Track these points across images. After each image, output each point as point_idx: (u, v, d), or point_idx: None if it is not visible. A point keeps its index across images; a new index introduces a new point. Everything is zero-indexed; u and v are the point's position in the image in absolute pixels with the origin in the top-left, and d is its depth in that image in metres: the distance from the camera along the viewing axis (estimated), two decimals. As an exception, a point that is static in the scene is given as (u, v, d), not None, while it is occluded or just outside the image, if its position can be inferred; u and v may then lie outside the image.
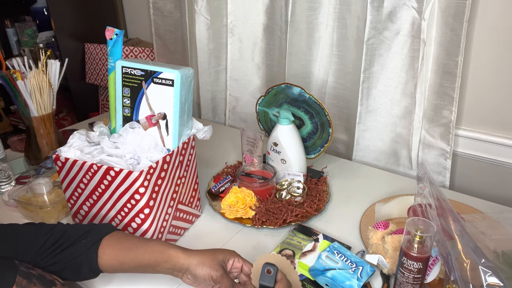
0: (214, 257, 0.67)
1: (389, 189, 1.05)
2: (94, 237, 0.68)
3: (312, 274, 0.76)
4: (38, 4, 1.95)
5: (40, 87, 1.04)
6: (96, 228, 0.71)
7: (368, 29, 1.07)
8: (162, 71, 0.79)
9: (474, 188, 1.13)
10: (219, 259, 0.67)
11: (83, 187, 0.79)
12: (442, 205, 0.72)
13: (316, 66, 1.27)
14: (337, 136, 1.32)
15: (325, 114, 0.98)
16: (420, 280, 0.66)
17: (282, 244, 0.84)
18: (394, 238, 0.75)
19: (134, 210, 0.76)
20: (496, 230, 0.73)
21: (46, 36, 1.93)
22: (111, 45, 0.82)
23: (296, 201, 0.98)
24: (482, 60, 1.02)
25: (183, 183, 0.87)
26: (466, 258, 0.62)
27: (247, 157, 1.08)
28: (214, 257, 0.67)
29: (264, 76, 1.40)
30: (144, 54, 1.71)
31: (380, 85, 1.14)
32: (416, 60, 1.05)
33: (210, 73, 1.51)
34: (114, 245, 0.68)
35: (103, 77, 1.79)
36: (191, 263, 0.65)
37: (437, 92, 1.06)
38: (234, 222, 0.94)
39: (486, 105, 1.06)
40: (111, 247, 0.68)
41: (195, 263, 0.65)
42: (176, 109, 0.80)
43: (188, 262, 0.66)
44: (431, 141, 1.12)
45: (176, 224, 0.88)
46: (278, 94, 1.04)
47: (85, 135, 0.83)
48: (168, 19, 1.57)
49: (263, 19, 1.31)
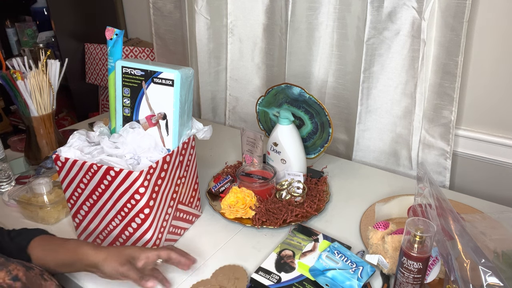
0: (120, 253, 0.70)
1: (389, 189, 1.05)
2: (23, 241, 0.73)
3: (312, 274, 0.76)
4: (38, 4, 1.95)
5: (40, 87, 1.04)
6: (25, 232, 0.75)
7: (368, 29, 1.07)
8: (162, 71, 0.79)
9: (474, 188, 1.13)
10: (126, 254, 0.70)
11: (83, 187, 0.79)
12: (442, 205, 0.72)
13: (316, 66, 1.27)
14: (337, 136, 1.32)
15: (325, 114, 0.98)
16: (420, 280, 0.66)
17: (282, 244, 0.84)
18: (394, 238, 0.75)
19: (134, 210, 0.76)
20: (496, 230, 0.73)
21: (46, 36, 1.93)
22: (111, 45, 0.82)
23: (296, 201, 0.98)
24: (482, 60, 1.02)
25: (183, 183, 0.87)
26: (466, 258, 0.62)
27: (247, 157, 1.08)
28: (120, 253, 0.70)
29: (264, 76, 1.40)
30: (144, 54, 1.71)
31: (380, 85, 1.14)
32: (416, 60, 1.05)
33: (210, 73, 1.51)
34: (40, 246, 0.72)
35: (103, 77, 1.79)
36: (98, 259, 0.69)
37: (437, 92, 1.06)
38: (234, 222, 0.94)
39: (486, 105, 1.06)
40: (37, 248, 0.72)
41: (102, 259, 0.69)
42: (176, 109, 0.80)
43: (96, 259, 0.69)
44: (431, 141, 1.12)
45: (176, 224, 0.88)
46: (278, 94, 1.04)
47: (85, 135, 0.83)
48: (168, 19, 1.57)
49: (263, 19, 1.31)
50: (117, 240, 0.83)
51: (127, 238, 0.81)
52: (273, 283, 0.75)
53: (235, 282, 0.76)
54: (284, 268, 0.78)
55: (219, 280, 0.77)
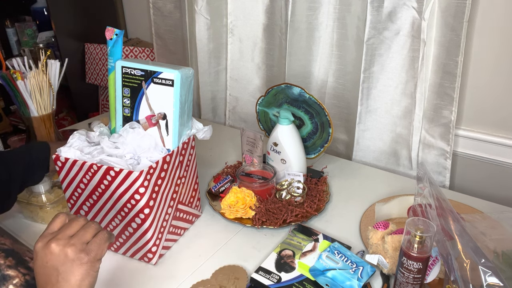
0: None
1: (389, 189, 1.05)
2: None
3: (313, 274, 0.76)
4: (38, 4, 1.95)
5: (40, 87, 1.04)
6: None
7: (368, 29, 1.07)
8: (162, 71, 0.79)
9: (474, 188, 1.13)
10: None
11: (83, 187, 0.79)
12: (442, 205, 0.72)
13: (316, 66, 1.27)
14: (337, 136, 1.32)
15: (325, 114, 0.98)
16: (420, 280, 0.66)
17: (282, 244, 0.84)
18: (394, 238, 0.75)
19: (134, 210, 0.76)
20: (496, 230, 0.73)
21: (46, 36, 1.93)
22: (111, 45, 0.82)
23: (296, 201, 0.98)
24: (482, 60, 1.02)
25: (183, 183, 0.87)
26: (466, 258, 0.62)
27: (247, 157, 1.08)
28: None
29: (264, 76, 1.40)
30: (144, 54, 1.71)
31: (380, 85, 1.14)
32: (416, 60, 1.05)
33: (210, 73, 1.51)
34: None
35: (103, 77, 1.79)
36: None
37: (437, 92, 1.06)
38: (234, 222, 0.94)
39: (486, 105, 1.06)
40: None
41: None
42: (176, 109, 0.80)
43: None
44: (431, 141, 1.12)
45: (176, 224, 0.88)
46: (278, 94, 1.04)
47: (85, 135, 0.83)
48: (168, 19, 1.57)
49: (263, 19, 1.31)
50: (117, 240, 0.83)
51: (127, 238, 0.81)
52: (273, 283, 0.75)
53: (235, 282, 0.76)
54: (284, 268, 0.78)
55: (219, 280, 0.77)
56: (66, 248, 0.54)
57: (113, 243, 0.84)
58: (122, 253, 0.85)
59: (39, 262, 0.54)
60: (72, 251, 0.54)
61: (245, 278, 0.77)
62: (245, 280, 0.77)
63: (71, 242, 0.55)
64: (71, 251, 0.54)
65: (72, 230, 0.56)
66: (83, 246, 0.55)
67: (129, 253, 0.84)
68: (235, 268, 0.80)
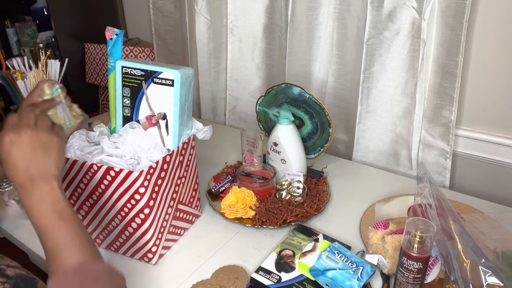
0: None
1: (389, 189, 1.05)
2: None
3: (313, 274, 0.76)
4: (38, 4, 1.95)
5: (40, 87, 1.04)
6: None
7: (368, 29, 1.07)
8: (162, 71, 0.79)
9: (474, 188, 1.13)
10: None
11: (83, 187, 0.79)
12: (442, 205, 0.72)
13: (316, 66, 1.27)
14: (337, 136, 1.32)
15: (325, 114, 0.98)
16: (420, 280, 0.66)
17: (282, 244, 0.84)
18: (394, 238, 0.75)
19: (134, 210, 0.76)
20: (496, 230, 0.73)
21: (46, 36, 1.93)
22: (111, 45, 0.82)
23: (296, 201, 0.98)
24: (482, 60, 1.02)
25: (183, 183, 0.87)
26: (466, 258, 0.62)
27: (247, 157, 1.08)
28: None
29: (264, 76, 1.40)
30: (144, 54, 1.71)
31: (380, 85, 1.14)
32: (416, 60, 1.05)
33: (210, 73, 1.51)
34: None
35: (103, 77, 1.79)
36: None
37: (437, 92, 1.06)
38: (234, 222, 0.94)
39: (486, 105, 1.06)
40: None
41: None
42: (176, 109, 0.80)
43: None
44: (431, 141, 1.12)
45: (176, 224, 0.88)
46: (278, 94, 1.04)
47: (85, 135, 0.83)
48: (168, 19, 1.57)
49: (263, 19, 1.31)
50: (117, 240, 0.83)
51: (127, 238, 0.81)
52: (273, 283, 0.75)
53: (235, 282, 0.76)
54: (284, 268, 0.78)
55: (219, 280, 0.77)
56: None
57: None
58: (122, 253, 0.85)
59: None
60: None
61: (245, 278, 0.77)
62: (245, 280, 0.77)
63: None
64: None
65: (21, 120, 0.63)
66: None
67: (129, 253, 0.84)
68: (235, 268, 0.80)
